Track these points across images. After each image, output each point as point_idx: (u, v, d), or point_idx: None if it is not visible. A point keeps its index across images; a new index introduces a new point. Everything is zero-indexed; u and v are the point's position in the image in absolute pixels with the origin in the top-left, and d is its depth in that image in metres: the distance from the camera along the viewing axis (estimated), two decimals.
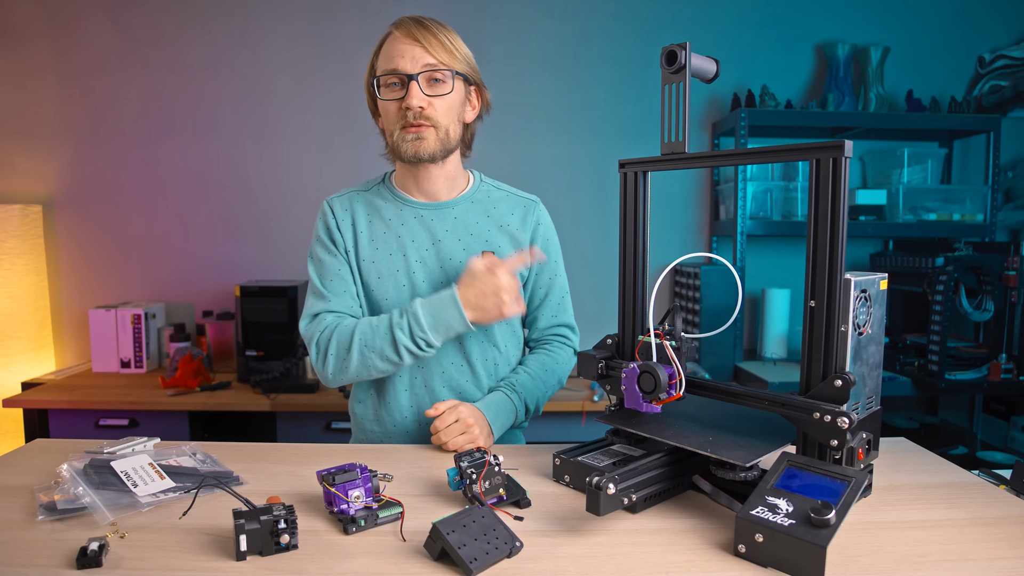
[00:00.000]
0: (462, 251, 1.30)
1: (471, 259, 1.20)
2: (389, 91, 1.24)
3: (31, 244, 2.61)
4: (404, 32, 1.22)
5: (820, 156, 0.83)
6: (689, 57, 0.93)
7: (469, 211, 1.33)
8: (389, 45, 1.24)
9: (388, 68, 1.22)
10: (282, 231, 2.77)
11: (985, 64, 2.77)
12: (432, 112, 1.22)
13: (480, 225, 1.32)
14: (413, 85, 1.20)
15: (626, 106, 2.80)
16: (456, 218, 1.32)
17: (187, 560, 0.77)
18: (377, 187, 1.36)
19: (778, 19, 2.80)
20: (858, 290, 0.86)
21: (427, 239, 1.30)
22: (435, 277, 1.29)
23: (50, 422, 2.23)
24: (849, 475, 0.80)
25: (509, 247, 1.33)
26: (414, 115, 1.21)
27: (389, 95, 1.24)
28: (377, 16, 2.68)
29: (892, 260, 2.65)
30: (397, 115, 1.23)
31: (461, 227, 1.31)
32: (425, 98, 1.21)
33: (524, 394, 1.31)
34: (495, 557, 0.75)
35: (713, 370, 2.57)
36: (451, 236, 1.30)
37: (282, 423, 2.24)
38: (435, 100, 1.22)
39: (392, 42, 1.23)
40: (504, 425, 1.26)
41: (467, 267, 1.19)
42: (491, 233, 1.32)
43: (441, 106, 1.23)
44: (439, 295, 1.19)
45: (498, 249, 1.32)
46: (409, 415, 1.30)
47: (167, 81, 2.70)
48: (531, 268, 1.37)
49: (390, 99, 1.24)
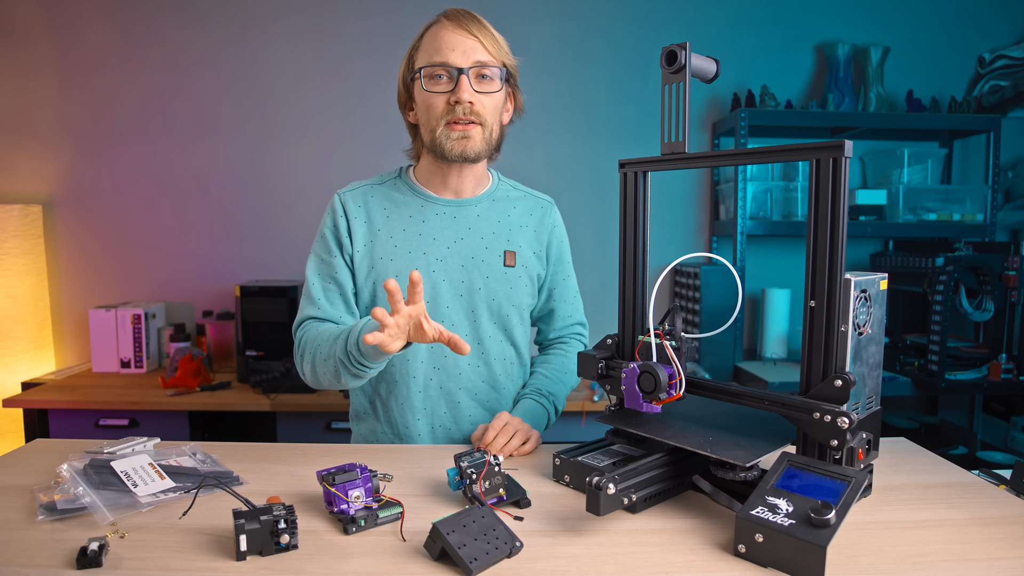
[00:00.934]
0: (484, 250, 1.27)
1: None
2: (434, 84, 1.18)
3: (31, 244, 2.61)
4: (455, 23, 1.17)
5: (820, 156, 0.83)
6: (689, 57, 0.93)
7: (491, 209, 1.32)
8: (436, 35, 1.18)
9: (437, 60, 1.16)
10: (282, 231, 2.77)
11: (985, 64, 2.77)
12: (481, 109, 1.19)
13: (501, 224, 1.31)
14: (463, 79, 1.16)
15: (626, 106, 2.80)
16: (479, 216, 1.30)
17: (187, 560, 0.77)
18: (394, 181, 1.32)
19: (778, 19, 2.80)
20: (858, 290, 0.86)
21: (449, 237, 1.27)
22: (456, 277, 1.26)
23: (50, 422, 2.23)
24: (849, 475, 0.80)
25: (527, 248, 1.32)
26: (464, 111, 1.17)
27: (435, 88, 1.18)
28: (377, 16, 2.70)
29: (892, 260, 2.65)
30: (444, 110, 1.18)
31: (484, 225, 1.30)
32: (475, 94, 1.18)
33: (552, 398, 1.31)
34: (495, 557, 0.75)
35: (713, 370, 2.56)
36: (474, 234, 1.28)
37: (282, 423, 2.24)
38: (483, 97, 1.19)
39: (440, 32, 1.17)
40: (539, 415, 1.27)
41: None
42: (511, 232, 1.31)
43: (489, 104, 1.20)
44: None
45: (519, 249, 1.30)
46: (422, 417, 1.27)
47: (167, 81, 2.70)
48: (546, 269, 1.37)
49: (436, 91, 1.18)
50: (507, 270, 1.28)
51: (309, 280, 1.27)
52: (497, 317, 1.28)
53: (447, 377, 1.26)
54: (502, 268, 1.28)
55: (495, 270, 1.27)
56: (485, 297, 1.27)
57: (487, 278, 1.27)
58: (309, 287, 1.27)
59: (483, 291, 1.26)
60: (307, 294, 1.27)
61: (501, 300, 1.27)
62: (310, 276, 1.27)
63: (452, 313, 1.26)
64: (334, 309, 1.25)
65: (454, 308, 1.26)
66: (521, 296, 1.30)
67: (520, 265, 1.30)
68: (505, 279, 1.28)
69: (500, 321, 1.29)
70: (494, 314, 1.28)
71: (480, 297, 1.26)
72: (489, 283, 1.27)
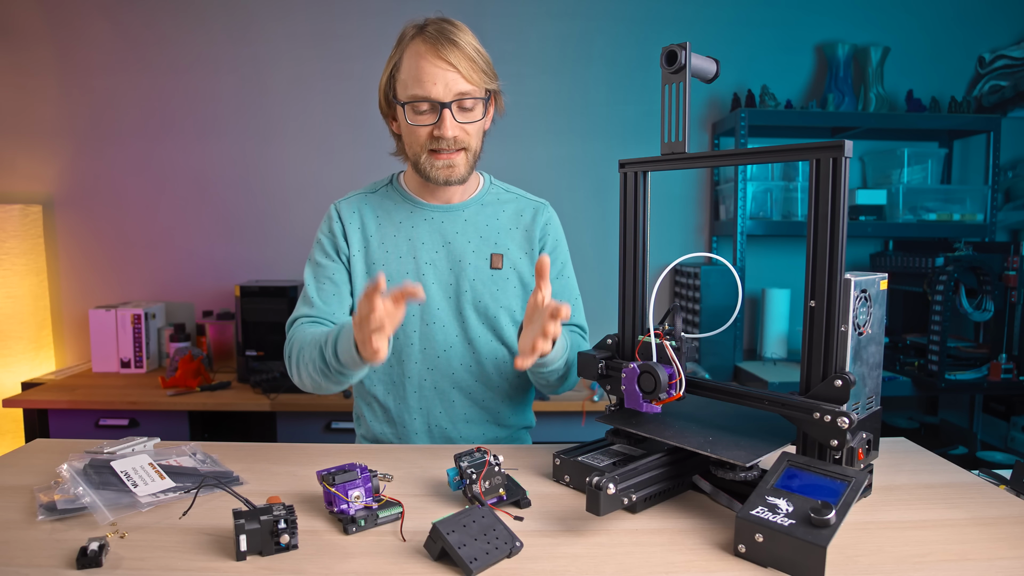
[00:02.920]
0: (471, 253, 1.30)
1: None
2: (417, 116, 1.19)
3: (31, 244, 2.61)
4: (433, 51, 1.15)
5: (820, 156, 0.83)
6: (689, 57, 0.93)
7: (479, 213, 1.33)
8: (416, 63, 1.16)
9: (418, 94, 1.16)
10: (282, 231, 2.77)
11: (985, 64, 2.77)
12: (464, 137, 1.21)
13: (490, 227, 1.33)
14: (447, 114, 1.17)
15: (626, 106, 2.80)
16: (466, 220, 1.32)
17: (187, 560, 0.77)
18: (385, 188, 1.36)
19: (778, 19, 2.80)
20: (858, 290, 0.86)
21: (437, 241, 1.30)
22: (445, 280, 1.29)
23: (50, 422, 2.23)
24: (849, 475, 0.80)
25: (518, 250, 1.33)
26: (448, 144, 1.19)
27: (418, 120, 1.20)
28: (377, 16, 2.69)
29: (892, 260, 2.65)
30: (428, 140, 1.20)
31: (471, 229, 1.31)
32: (459, 126, 1.19)
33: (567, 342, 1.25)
34: (495, 557, 0.75)
35: (713, 370, 2.56)
36: (461, 238, 1.30)
37: (282, 423, 2.24)
38: (467, 126, 1.21)
39: (420, 61, 1.16)
40: (560, 344, 1.16)
41: None
42: (500, 235, 1.32)
43: (473, 130, 1.22)
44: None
45: (507, 252, 1.32)
46: (419, 417, 1.30)
47: (167, 81, 2.70)
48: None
49: (420, 124, 1.20)
50: (494, 272, 1.30)
51: (305, 282, 1.31)
52: (485, 318, 1.30)
53: (440, 377, 1.30)
54: (488, 271, 1.30)
55: (481, 273, 1.30)
56: (472, 299, 1.29)
57: (473, 280, 1.29)
58: (305, 288, 1.30)
59: (469, 293, 1.29)
60: (303, 295, 1.30)
61: (488, 302, 1.29)
62: (306, 278, 1.31)
63: (442, 314, 1.29)
64: (328, 307, 1.27)
65: (444, 310, 1.29)
66: (509, 298, 1.31)
67: (508, 267, 1.31)
68: (492, 281, 1.30)
69: (488, 322, 1.30)
70: (482, 315, 1.30)
71: (467, 299, 1.29)
72: (475, 285, 1.29)
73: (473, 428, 1.32)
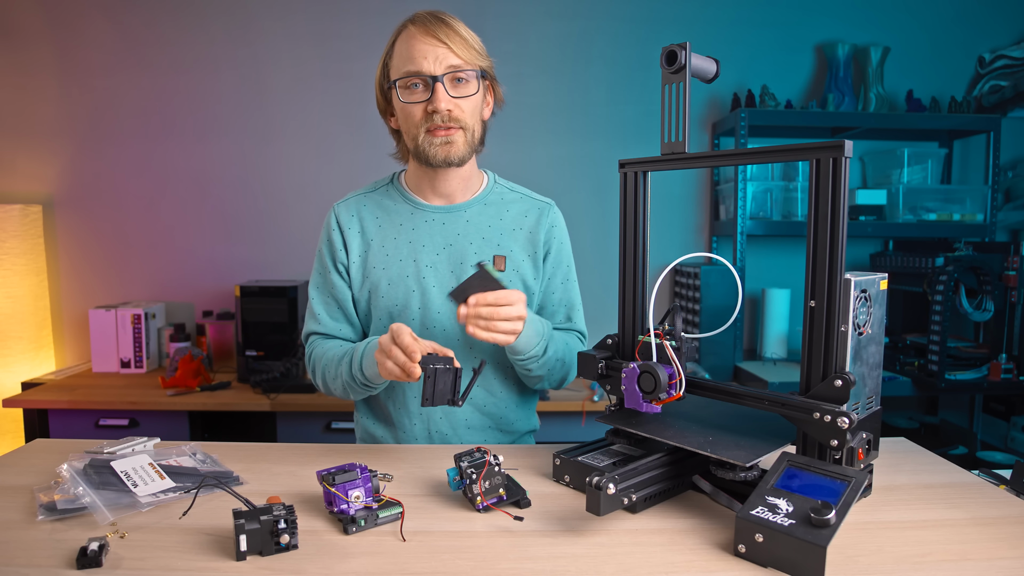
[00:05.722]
0: (474, 255, 1.27)
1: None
2: (410, 93, 1.18)
3: (31, 244, 2.61)
4: (423, 30, 1.16)
5: (820, 156, 0.83)
6: (689, 57, 0.93)
7: (482, 213, 1.31)
8: (407, 44, 1.17)
9: (410, 70, 1.16)
10: (282, 231, 2.77)
11: (985, 64, 2.77)
12: (460, 114, 1.19)
13: (493, 228, 1.30)
14: (439, 87, 1.16)
15: (626, 106, 2.80)
16: (468, 221, 1.29)
17: (187, 560, 0.77)
18: (386, 188, 1.34)
19: (778, 19, 2.80)
20: (858, 290, 0.86)
21: (439, 243, 1.28)
22: (446, 282, 1.26)
23: (50, 422, 2.23)
24: (849, 475, 0.80)
25: (521, 251, 1.30)
26: (443, 118, 1.17)
27: (411, 97, 1.19)
28: (377, 16, 2.69)
29: (892, 260, 2.65)
30: (423, 118, 1.19)
31: (473, 230, 1.29)
32: (452, 100, 1.18)
33: (553, 335, 1.24)
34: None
35: (713, 370, 2.56)
36: (463, 240, 1.28)
37: (282, 423, 2.24)
38: (461, 102, 1.19)
39: (410, 41, 1.17)
40: (534, 332, 1.17)
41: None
42: (503, 236, 1.30)
43: (467, 107, 1.20)
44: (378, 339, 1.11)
45: (510, 253, 1.29)
46: (419, 422, 1.28)
47: (167, 81, 2.70)
48: (543, 275, 1.33)
49: (413, 102, 1.19)
50: (497, 275, 1.28)
51: (311, 296, 1.33)
52: None
53: None
54: None
55: None
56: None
57: None
58: (311, 303, 1.32)
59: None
60: (310, 309, 1.33)
61: None
62: (311, 291, 1.33)
63: (443, 318, 1.27)
64: (335, 323, 1.31)
65: (444, 313, 1.27)
66: None
67: (511, 270, 1.29)
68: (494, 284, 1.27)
69: None
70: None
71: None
72: None
73: (475, 434, 1.30)
